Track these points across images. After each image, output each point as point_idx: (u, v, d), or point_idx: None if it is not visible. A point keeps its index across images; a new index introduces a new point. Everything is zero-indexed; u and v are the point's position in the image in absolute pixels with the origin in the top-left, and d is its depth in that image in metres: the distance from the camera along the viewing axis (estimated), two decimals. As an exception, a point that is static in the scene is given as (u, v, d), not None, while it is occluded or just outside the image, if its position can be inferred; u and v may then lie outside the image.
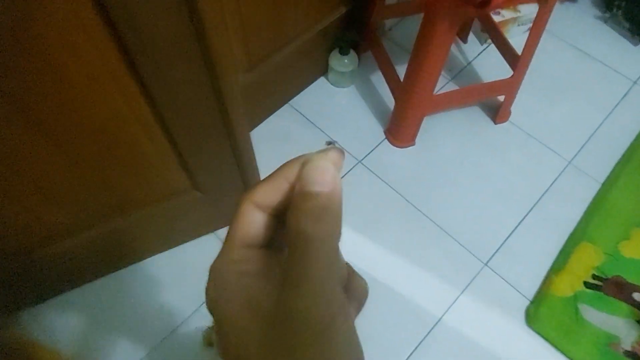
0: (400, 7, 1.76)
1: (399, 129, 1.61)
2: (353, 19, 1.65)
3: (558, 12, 2.02)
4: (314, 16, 1.52)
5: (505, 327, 1.37)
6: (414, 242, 1.49)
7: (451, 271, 1.45)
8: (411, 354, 1.33)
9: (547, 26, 1.94)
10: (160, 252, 1.42)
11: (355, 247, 1.47)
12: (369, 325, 1.36)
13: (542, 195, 1.59)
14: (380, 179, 1.60)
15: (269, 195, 0.26)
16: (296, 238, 0.23)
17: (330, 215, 0.24)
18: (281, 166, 0.27)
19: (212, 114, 0.98)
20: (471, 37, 1.93)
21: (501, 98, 1.66)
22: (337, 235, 0.24)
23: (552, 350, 1.33)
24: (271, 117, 1.71)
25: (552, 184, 1.62)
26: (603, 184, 1.59)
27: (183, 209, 1.28)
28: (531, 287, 1.43)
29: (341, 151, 0.27)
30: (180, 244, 1.43)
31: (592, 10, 2.05)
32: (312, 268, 0.22)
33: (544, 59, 1.86)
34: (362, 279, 0.30)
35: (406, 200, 1.56)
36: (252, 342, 0.23)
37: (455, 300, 1.41)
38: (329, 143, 0.29)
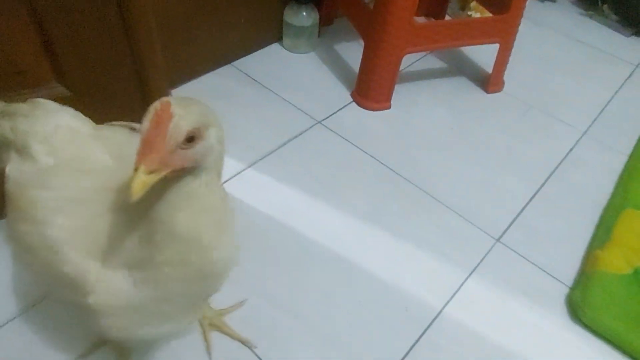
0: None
1: (370, 83, 1.27)
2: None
3: (540, 8, 1.86)
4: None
5: (534, 320, 0.90)
6: (400, 214, 1.06)
7: (451, 249, 1.00)
8: (402, 359, 0.82)
9: (532, 16, 1.76)
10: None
11: (317, 218, 1.02)
12: (347, 324, 0.86)
13: (558, 165, 1.22)
14: (347, 141, 1.21)
15: None
16: None
17: None
18: None
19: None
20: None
21: (490, 68, 1.38)
22: None
23: (608, 348, 0.86)
24: (211, 74, 1.35)
25: (567, 154, 1.26)
26: (635, 151, 1.24)
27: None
28: (566, 269, 0.99)
29: None
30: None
31: (574, 9, 1.89)
32: None
33: (533, 42, 1.63)
34: None
35: (386, 166, 1.16)
36: None
37: (461, 285, 0.94)
38: None
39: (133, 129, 0.65)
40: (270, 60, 1.42)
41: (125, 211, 0.50)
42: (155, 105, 0.41)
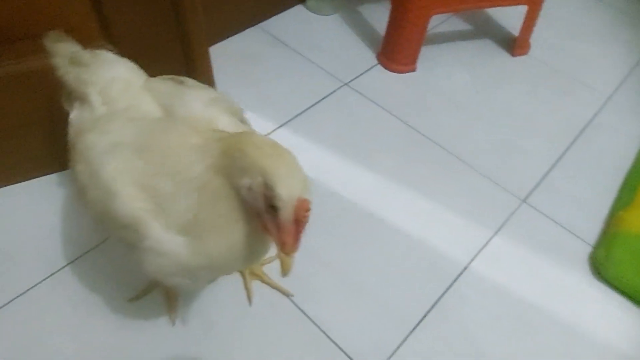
0: None
1: (397, 45, 1.27)
2: None
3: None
4: None
5: (557, 276, 0.93)
6: (427, 175, 1.08)
7: (478, 208, 1.03)
8: (431, 309, 0.87)
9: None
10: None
11: (347, 177, 1.05)
12: (377, 276, 0.90)
13: (584, 128, 1.23)
14: (374, 102, 1.22)
15: None
16: None
17: None
18: None
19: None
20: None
21: (517, 31, 1.36)
22: None
23: (628, 304, 0.90)
24: (236, 36, 1.35)
25: (592, 118, 1.26)
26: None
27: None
28: (589, 229, 1.01)
29: None
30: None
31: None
32: None
33: (560, 3, 1.60)
34: None
35: (413, 128, 1.17)
36: None
37: (487, 242, 0.97)
38: None
39: (180, 82, 0.67)
40: (295, 22, 1.42)
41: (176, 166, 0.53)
42: (303, 205, 0.46)
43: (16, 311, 0.80)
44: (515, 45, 1.39)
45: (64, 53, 0.65)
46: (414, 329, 0.84)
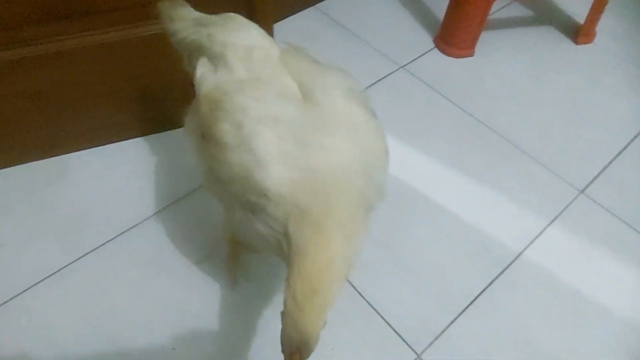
0: None
1: (456, 29, 1.25)
2: None
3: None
4: None
5: (614, 270, 0.91)
6: (482, 161, 1.07)
7: (533, 197, 1.01)
8: (481, 293, 0.87)
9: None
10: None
11: (403, 160, 1.05)
12: (430, 258, 0.91)
13: (649, 121, 1.18)
14: (430, 86, 1.21)
15: None
16: None
17: None
18: None
19: None
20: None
21: (582, 18, 1.31)
22: None
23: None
24: (294, 16, 1.37)
25: (660, 111, 1.21)
26: None
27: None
28: (652, 225, 0.98)
29: None
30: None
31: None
32: None
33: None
34: None
35: (469, 114, 1.16)
36: None
37: (542, 232, 0.96)
38: None
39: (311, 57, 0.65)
40: (352, 4, 1.42)
41: None
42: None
43: (86, 266, 0.86)
44: (579, 33, 1.34)
45: (186, 17, 0.66)
46: (463, 311, 0.85)
